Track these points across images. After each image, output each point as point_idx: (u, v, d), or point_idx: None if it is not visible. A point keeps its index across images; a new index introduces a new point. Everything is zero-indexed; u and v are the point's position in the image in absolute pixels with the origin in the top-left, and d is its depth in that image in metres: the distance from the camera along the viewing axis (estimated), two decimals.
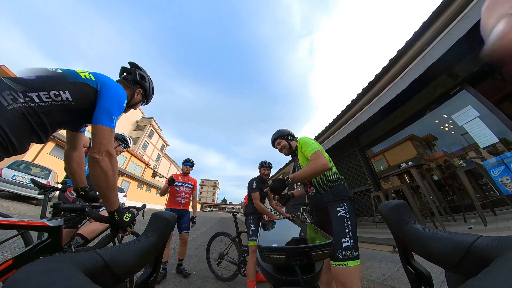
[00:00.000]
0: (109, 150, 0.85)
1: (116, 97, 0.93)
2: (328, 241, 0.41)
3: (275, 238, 0.52)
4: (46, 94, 0.76)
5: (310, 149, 1.39)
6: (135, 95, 1.21)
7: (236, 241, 2.72)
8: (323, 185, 1.38)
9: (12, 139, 0.69)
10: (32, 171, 7.39)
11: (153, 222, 0.49)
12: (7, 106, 0.67)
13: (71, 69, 0.89)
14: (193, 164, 3.24)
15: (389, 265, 2.50)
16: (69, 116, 0.86)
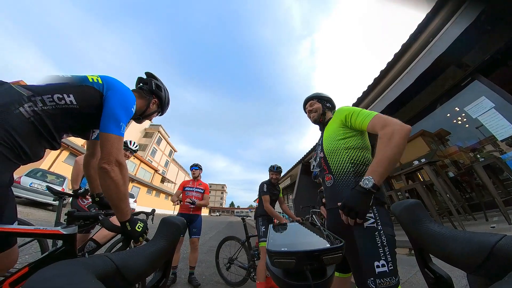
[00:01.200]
0: (119, 159, 0.81)
1: (123, 101, 0.88)
2: (340, 244, 0.40)
3: (284, 242, 0.51)
4: (50, 98, 0.75)
5: (364, 115, 0.97)
6: (150, 105, 1.16)
7: (245, 245, 2.69)
8: (347, 175, 0.97)
9: (22, 145, 0.69)
10: (48, 178, 7.74)
11: (162, 227, 0.49)
12: (13, 110, 0.68)
13: (82, 75, 0.89)
14: (200, 167, 3.23)
15: (406, 269, 2.39)
16: (73, 121, 0.84)
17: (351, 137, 1.04)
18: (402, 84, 3.37)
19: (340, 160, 1.01)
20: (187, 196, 2.91)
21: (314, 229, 0.62)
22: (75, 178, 2.05)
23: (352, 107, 1.08)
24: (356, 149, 1.02)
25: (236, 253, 2.78)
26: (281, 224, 0.77)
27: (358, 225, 0.83)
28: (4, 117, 0.65)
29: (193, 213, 2.85)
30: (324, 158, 1.09)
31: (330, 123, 1.17)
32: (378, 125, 0.91)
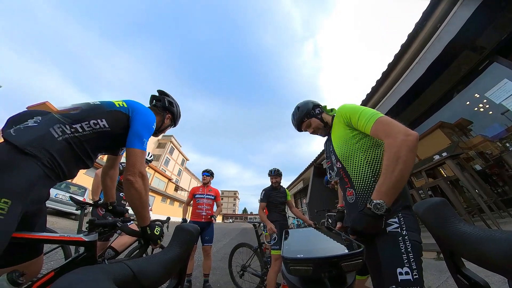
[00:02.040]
0: (142, 171, 0.91)
1: (146, 121, 1.01)
2: (360, 250, 0.37)
3: (300, 248, 0.49)
4: (87, 124, 0.86)
5: (367, 116, 0.87)
6: (165, 120, 1.30)
7: (258, 252, 2.64)
8: (368, 184, 0.87)
9: (63, 167, 0.79)
10: (71, 189, 8.29)
11: (177, 235, 0.49)
12: (57, 138, 0.78)
13: (108, 100, 1.01)
14: (211, 173, 3.17)
15: (435, 275, 2.21)
16: (107, 141, 0.96)
17: (364, 139, 0.94)
18: (413, 75, 3.19)
19: (359, 167, 0.91)
20: (198, 203, 2.88)
21: (331, 234, 0.59)
22: (95, 189, 2.17)
23: (353, 106, 1.00)
24: (371, 149, 0.92)
25: (249, 260, 2.73)
26: (296, 229, 0.74)
27: (382, 231, 0.77)
28: (50, 143, 0.75)
29: (205, 220, 2.83)
30: (343, 169, 0.98)
31: (335, 127, 1.08)
32: (382, 134, 0.82)
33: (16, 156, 0.67)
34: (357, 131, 0.96)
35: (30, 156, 0.69)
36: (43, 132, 0.75)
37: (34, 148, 0.70)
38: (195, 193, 2.99)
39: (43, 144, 0.73)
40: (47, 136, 0.75)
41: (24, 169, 0.68)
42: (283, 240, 0.58)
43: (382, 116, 0.86)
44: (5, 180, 0.63)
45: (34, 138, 0.72)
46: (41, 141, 0.73)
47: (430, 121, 4.03)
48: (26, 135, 0.71)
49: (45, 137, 0.75)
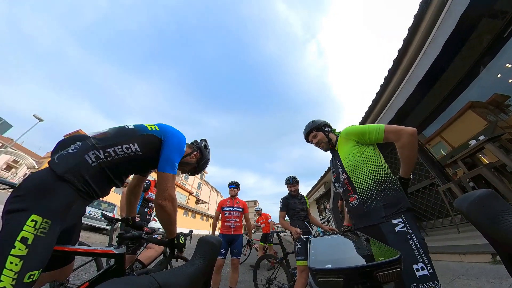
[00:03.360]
0: (171, 194, 0.97)
1: (177, 143, 1.05)
2: (396, 257, 0.33)
3: (328, 257, 0.45)
4: (120, 148, 0.91)
5: (376, 129, 1.11)
6: (191, 155, 1.31)
7: (283, 263, 2.52)
8: (370, 190, 1.03)
9: (95, 189, 0.87)
10: (102, 206, 9.13)
11: (199, 247, 0.49)
12: (91, 164, 0.84)
13: (142, 124, 1.06)
14: (237, 185, 3.15)
15: (492, 283, 1.86)
16: (137, 165, 1.01)
17: (366, 150, 1.14)
18: (428, 58, 2.89)
19: (362, 176, 1.08)
20: (226, 216, 2.89)
21: (361, 240, 0.54)
22: (123, 206, 2.33)
23: (358, 126, 1.20)
24: (372, 159, 1.11)
25: (275, 272, 2.62)
26: (322, 237, 0.70)
27: (390, 232, 0.88)
28: (85, 169, 0.82)
29: (234, 233, 2.80)
30: (348, 179, 1.14)
31: (341, 145, 1.26)
32: (393, 138, 1.07)
33: (57, 182, 0.76)
34: (361, 146, 1.16)
35: (67, 182, 0.77)
36: (79, 160, 0.82)
37: (71, 175, 0.78)
38: (223, 206, 3.00)
39: (79, 171, 0.81)
40: (83, 163, 0.83)
41: (63, 194, 0.76)
42: (309, 250, 0.54)
43: (385, 125, 1.11)
44: (47, 203, 0.71)
45: (72, 166, 0.80)
46: (77, 168, 0.81)
47: (457, 104, 3.57)
48: (65, 163, 0.79)
49: (81, 164, 0.82)
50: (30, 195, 0.70)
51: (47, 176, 0.76)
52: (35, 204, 0.69)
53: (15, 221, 0.65)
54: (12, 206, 0.68)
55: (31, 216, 0.66)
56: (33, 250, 0.65)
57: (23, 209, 0.67)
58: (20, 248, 0.62)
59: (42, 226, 0.67)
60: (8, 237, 0.63)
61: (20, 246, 0.62)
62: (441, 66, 3.16)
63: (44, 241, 0.68)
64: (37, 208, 0.68)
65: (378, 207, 0.97)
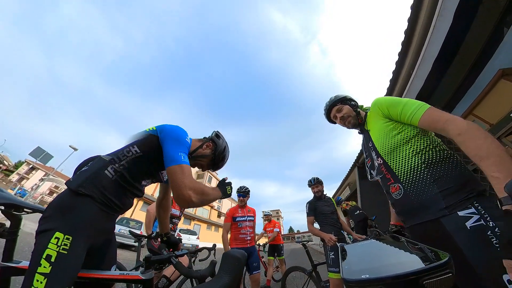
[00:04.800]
0: (187, 184, 0.82)
1: (174, 135, 0.96)
2: (445, 260, 0.28)
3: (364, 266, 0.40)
4: (121, 153, 0.93)
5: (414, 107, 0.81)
6: (203, 146, 1.18)
7: (313, 275, 2.32)
8: (418, 175, 0.77)
9: (113, 200, 0.87)
10: (130, 224, 9.85)
11: (225, 263, 0.48)
12: (102, 174, 0.86)
13: (143, 130, 1.05)
14: (247, 193, 2.85)
15: None
16: (143, 167, 0.97)
17: (405, 128, 0.86)
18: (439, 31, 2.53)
19: (404, 158, 0.82)
20: (241, 227, 2.60)
21: (400, 244, 0.48)
22: (148, 224, 2.44)
23: (392, 98, 0.95)
24: (417, 136, 0.82)
25: (304, 286, 2.41)
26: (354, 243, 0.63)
27: (459, 229, 0.62)
28: (97, 181, 0.84)
29: (250, 245, 2.56)
30: (385, 164, 0.90)
31: (372, 121, 1.02)
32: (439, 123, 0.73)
33: (73, 198, 0.79)
34: (396, 123, 0.89)
35: (84, 195, 0.79)
36: (90, 173, 0.85)
37: (86, 189, 0.80)
38: (234, 216, 2.68)
39: (92, 183, 0.82)
40: (94, 175, 0.85)
41: (81, 208, 0.78)
42: (341, 259, 0.50)
43: (431, 106, 0.78)
44: (68, 219, 0.74)
45: (84, 179, 0.82)
46: (90, 180, 0.83)
47: (486, 75, 3.10)
48: (78, 179, 0.83)
49: (92, 176, 0.84)
50: (54, 215, 0.75)
51: (65, 195, 0.80)
52: (57, 222, 0.72)
53: (42, 240, 0.69)
54: (40, 228, 0.72)
55: (54, 234, 0.69)
56: (56, 268, 0.66)
57: (49, 229, 0.70)
58: (44, 266, 0.64)
59: (63, 242, 0.69)
60: (37, 255, 0.66)
61: (44, 263, 0.64)
62: (457, 38, 2.78)
63: (67, 258, 0.68)
64: (59, 225, 0.72)
65: (433, 195, 0.72)
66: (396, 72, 3.91)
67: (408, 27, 3.23)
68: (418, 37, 3.21)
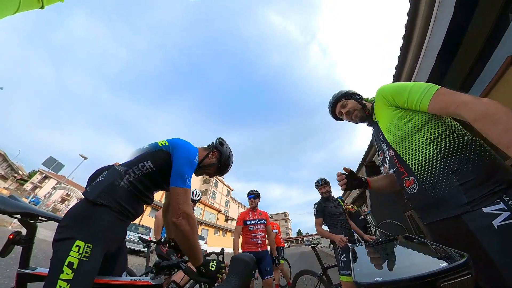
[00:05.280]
0: (185, 210, 0.89)
1: (185, 155, 1.00)
2: (464, 260, 0.26)
3: (376, 269, 0.39)
4: (137, 167, 0.97)
5: (421, 90, 0.74)
6: (209, 155, 1.26)
7: (323, 279, 2.26)
8: (434, 167, 0.69)
9: (128, 208, 0.92)
10: (139, 230, 9.95)
11: (233, 266, 0.47)
12: (117, 185, 0.91)
13: (155, 142, 1.10)
14: (257, 195, 2.84)
15: None
16: (156, 180, 1.03)
17: (415, 115, 0.78)
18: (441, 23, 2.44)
19: (417, 148, 0.74)
20: (252, 231, 2.57)
21: (413, 244, 0.46)
22: (156, 229, 2.46)
23: (396, 84, 0.87)
24: (430, 123, 0.75)
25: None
26: (365, 245, 0.61)
27: (483, 228, 0.54)
28: (113, 191, 0.89)
29: (261, 249, 2.50)
30: (397, 156, 0.83)
31: (379, 111, 0.96)
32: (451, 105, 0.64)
33: (92, 208, 0.83)
34: (405, 110, 0.82)
35: (101, 205, 0.84)
36: (107, 183, 0.89)
37: (103, 199, 0.85)
38: (245, 219, 2.65)
39: (109, 193, 0.87)
40: (112, 185, 0.89)
41: (99, 217, 0.82)
42: (352, 262, 0.49)
43: (440, 87, 0.70)
44: (87, 228, 0.78)
45: (101, 190, 0.86)
46: (107, 191, 0.87)
47: (494, 63, 2.96)
48: (95, 190, 0.87)
49: (109, 187, 0.88)
50: (72, 224, 0.78)
51: (83, 206, 0.84)
52: (77, 231, 0.76)
53: (62, 248, 0.72)
54: (58, 236, 0.76)
55: (75, 242, 0.73)
56: (78, 274, 0.70)
57: (69, 237, 0.74)
58: (67, 273, 0.68)
59: (84, 250, 0.73)
60: (58, 263, 0.69)
61: (67, 270, 0.68)
62: (459, 28, 2.67)
63: (88, 265, 0.73)
64: (79, 234, 0.75)
65: (453, 189, 0.63)
66: (399, 67, 3.81)
67: (408, 21, 3.17)
68: (419, 30, 3.12)
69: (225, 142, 1.36)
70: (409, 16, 3.09)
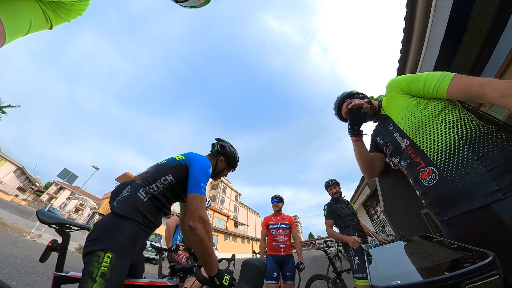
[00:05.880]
0: (201, 215, 0.94)
1: (201, 167, 1.11)
2: (489, 260, 0.24)
3: (394, 271, 0.37)
4: (159, 182, 1.04)
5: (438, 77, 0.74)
6: (218, 163, 1.40)
7: (337, 283, 2.20)
8: (456, 153, 0.65)
9: (152, 220, 0.99)
10: (150, 238, 9.89)
11: (244, 271, 0.47)
12: (143, 199, 0.98)
13: (171, 157, 1.19)
14: (281, 199, 2.87)
15: None
16: (176, 192, 1.11)
17: (431, 102, 0.76)
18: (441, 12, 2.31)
19: (437, 135, 0.70)
20: (274, 235, 2.59)
21: (434, 244, 0.43)
22: (167, 237, 2.50)
23: (410, 74, 0.87)
24: (446, 109, 0.72)
25: None
26: (380, 246, 0.59)
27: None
28: (140, 205, 0.95)
29: (284, 253, 2.47)
30: (412, 144, 0.77)
31: (390, 103, 0.92)
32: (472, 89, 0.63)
33: (120, 221, 0.89)
34: (420, 98, 0.80)
35: (130, 219, 0.90)
36: (134, 198, 0.96)
37: (131, 212, 0.91)
38: (268, 224, 2.70)
39: (137, 207, 0.94)
40: (137, 200, 0.96)
41: (128, 230, 0.89)
42: (368, 264, 0.47)
43: (456, 74, 0.70)
44: (117, 241, 0.84)
45: (129, 204, 0.93)
46: (135, 206, 0.94)
47: (503, 47, 2.71)
48: (124, 205, 0.93)
49: (136, 202, 0.95)
50: (102, 237, 0.84)
51: (112, 219, 0.90)
52: (107, 244, 0.82)
53: (94, 260, 0.77)
54: (89, 249, 0.81)
55: (106, 254, 0.79)
56: (110, 283, 0.75)
57: (100, 249, 0.79)
58: (100, 283, 0.73)
59: (115, 261, 0.79)
60: (91, 274, 0.75)
61: (100, 280, 0.74)
62: (462, 14, 2.57)
63: (118, 274, 0.79)
64: (110, 247, 0.81)
65: (479, 176, 0.58)
66: (402, 61, 3.67)
67: (407, 13, 3.06)
68: (419, 22, 2.99)
69: (225, 142, 1.46)
70: (407, 8, 2.97)
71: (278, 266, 2.41)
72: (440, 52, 2.82)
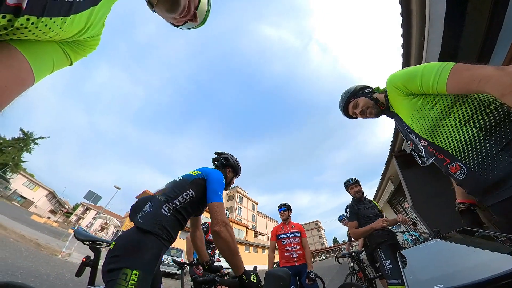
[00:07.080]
0: (224, 219, 1.02)
1: (216, 178, 1.20)
2: None
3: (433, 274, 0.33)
4: (181, 197, 1.09)
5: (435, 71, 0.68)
6: (227, 174, 1.51)
7: None
8: (480, 147, 0.63)
9: (173, 235, 1.03)
10: (171, 253, 10.00)
11: (268, 282, 0.45)
12: (166, 215, 1.01)
13: (187, 173, 1.26)
14: (288, 206, 2.82)
15: None
16: (196, 205, 1.17)
17: (438, 100, 0.72)
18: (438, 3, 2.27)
19: (454, 133, 0.67)
20: (285, 245, 2.51)
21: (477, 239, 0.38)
22: (188, 251, 2.51)
23: (405, 70, 0.80)
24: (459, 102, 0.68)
25: None
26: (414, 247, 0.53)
27: None
28: (163, 220, 0.98)
29: (298, 263, 2.36)
30: (431, 144, 0.75)
31: (395, 102, 0.89)
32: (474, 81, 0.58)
33: (145, 237, 0.90)
34: (424, 96, 0.75)
35: (155, 235, 0.92)
36: (158, 214, 0.98)
37: (157, 228, 0.93)
38: (277, 233, 2.64)
39: (161, 223, 0.96)
40: (161, 216, 0.99)
41: (152, 246, 0.90)
42: (403, 268, 0.43)
43: (455, 63, 0.64)
44: (141, 257, 0.84)
45: (155, 220, 0.95)
46: (159, 221, 0.96)
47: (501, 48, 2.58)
48: (149, 220, 0.95)
49: (160, 217, 0.98)
50: (126, 254, 0.83)
51: (136, 235, 0.90)
52: (134, 261, 0.81)
53: (121, 278, 0.76)
54: (113, 266, 0.79)
55: (133, 271, 0.78)
56: None
57: (126, 267, 0.78)
58: None
59: (141, 278, 0.78)
60: None
61: None
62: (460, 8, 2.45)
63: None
64: (135, 264, 0.80)
65: (507, 166, 0.57)
66: (406, 46, 3.42)
67: None
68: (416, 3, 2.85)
69: (226, 154, 1.57)
70: None
71: (294, 277, 2.31)
72: (445, 29, 2.57)
